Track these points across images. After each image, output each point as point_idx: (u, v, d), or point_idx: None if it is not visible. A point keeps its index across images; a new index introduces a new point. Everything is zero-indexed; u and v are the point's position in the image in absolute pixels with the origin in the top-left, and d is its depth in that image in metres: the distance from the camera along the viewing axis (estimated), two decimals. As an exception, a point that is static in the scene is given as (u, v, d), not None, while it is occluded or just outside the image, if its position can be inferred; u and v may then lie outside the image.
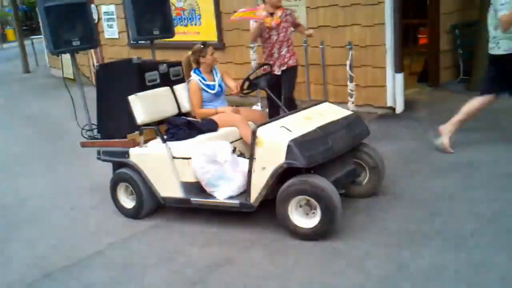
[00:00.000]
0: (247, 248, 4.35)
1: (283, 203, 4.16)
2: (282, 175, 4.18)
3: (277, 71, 6.30)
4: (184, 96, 5.40)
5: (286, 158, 4.05)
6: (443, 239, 4.04)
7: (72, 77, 14.83)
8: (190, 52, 5.39)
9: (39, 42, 18.17)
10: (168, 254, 4.45)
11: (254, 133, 4.20)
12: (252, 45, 8.72)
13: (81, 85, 5.38)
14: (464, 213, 4.40)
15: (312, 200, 4.06)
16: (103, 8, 12.00)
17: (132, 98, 4.94)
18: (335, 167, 4.40)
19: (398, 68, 7.69)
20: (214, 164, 4.56)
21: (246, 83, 5.20)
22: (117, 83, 5.24)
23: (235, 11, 6.58)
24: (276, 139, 4.14)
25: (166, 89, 5.31)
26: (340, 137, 4.38)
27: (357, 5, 7.84)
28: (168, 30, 5.80)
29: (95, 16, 12.37)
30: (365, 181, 4.80)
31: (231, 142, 4.84)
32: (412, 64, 9.24)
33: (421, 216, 4.44)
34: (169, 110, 5.27)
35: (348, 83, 7.51)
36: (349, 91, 7.47)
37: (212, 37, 9.55)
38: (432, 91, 8.58)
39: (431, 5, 8.53)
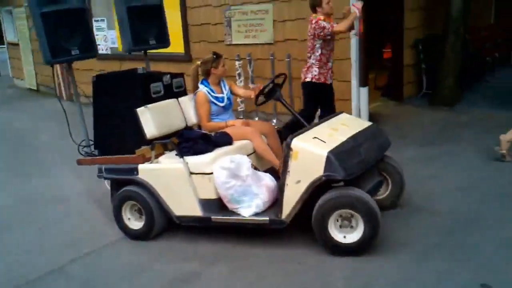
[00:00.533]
0: (211, 263, 4.29)
1: (323, 218, 4.01)
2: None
3: (328, 81, 6.26)
4: (190, 108, 5.16)
5: (325, 170, 3.92)
6: (406, 252, 4.06)
7: (35, 88, 14.46)
8: (199, 62, 5.15)
9: (1, 52, 18.35)
10: (132, 269, 4.34)
11: (288, 146, 4.05)
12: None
13: (79, 97, 5.01)
14: (427, 226, 4.44)
15: (355, 214, 3.96)
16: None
17: (141, 110, 4.65)
18: (366, 179, 4.32)
19: (363, 82, 7.78)
20: (237, 179, 4.36)
21: (264, 92, 5.04)
22: (119, 95, 4.88)
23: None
24: (313, 151, 4.00)
25: (173, 101, 5.04)
26: (370, 147, 4.33)
27: None
28: (163, 40, 5.52)
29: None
30: (387, 193, 4.77)
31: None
32: (377, 78, 9.41)
33: (385, 229, 4.41)
34: (178, 123, 5.01)
35: (314, 96, 7.53)
36: (315, 104, 7.49)
37: (179, 49, 9.30)
38: (396, 105, 8.78)
39: (395, 20, 8.76)
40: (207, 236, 4.71)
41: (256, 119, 8.28)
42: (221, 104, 5.08)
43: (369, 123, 4.75)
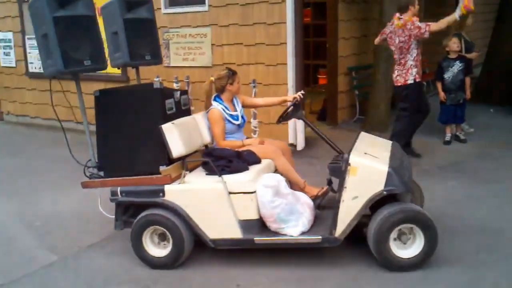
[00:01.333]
0: (147, 287, 4.19)
1: (384, 234, 3.96)
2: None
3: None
4: (203, 126, 4.85)
5: (386, 185, 3.92)
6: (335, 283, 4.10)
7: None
8: (213, 78, 4.87)
9: None
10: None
11: (346, 161, 3.98)
12: (156, 79, 8.25)
13: (85, 115, 4.45)
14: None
15: (415, 228, 3.98)
16: (-1, 35, 10.94)
17: (167, 127, 4.26)
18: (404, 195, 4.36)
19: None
20: (282, 198, 4.18)
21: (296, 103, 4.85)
22: (133, 111, 4.42)
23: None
24: (374, 166, 3.97)
25: (191, 118, 4.70)
26: (408, 164, 4.40)
27: (260, 45, 8.04)
28: (156, 56, 5.14)
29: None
30: None
31: None
32: (312, 103, 9.60)
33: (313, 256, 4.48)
34: (199, 141, 4.68)
35: (252, 119, 7.57)
36: (252, 127, 7.54)
37: (116, 69, 8.70)
38: (331, 130, 9.01)
39: (330, 48, 9.07)
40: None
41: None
42: (236, 122, 4.86)
43: (390, 142, 4.81)
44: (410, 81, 6.42)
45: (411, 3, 6.27)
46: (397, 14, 6.38)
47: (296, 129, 8.03)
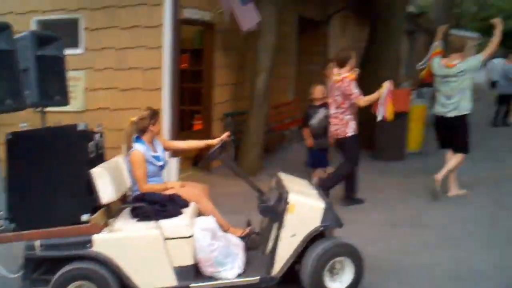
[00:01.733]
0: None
1: (320, 269, 4.11)
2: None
3: None
4: (125, 169, 4.64)
5: (322, 221, 4.12)
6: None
7: None
8: (134, 119, 4.71)
9: None
10: None
11: (285, 200, 4.09)
12: (22, 125, 7.66)
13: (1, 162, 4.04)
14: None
15: (346, 260, 4.19)
16: None
17: (98, 172, 4.03)
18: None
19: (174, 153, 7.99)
20: (219, 240, 4.15)
21: (217, 150, 4.78)
22: (48, 156, 4.07)
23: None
24: (311, 203, 4.16)
25: (114, 161, 4.48)
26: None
27: (136, 89, 7.99)
28: (65, 97, 4.84)
29: None
30: None
31: None
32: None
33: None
34: (124, 185, 4.45)
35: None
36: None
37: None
38: (204, 175, 9.03)
39: (205, 94, 9.18)
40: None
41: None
42: (159, 163, 4.76)
43: (306, 180, 5.02)
44: (349, 134, 6.75)
45: (348, 58, 6.60)
46: (336, 70, 6.70)
47: (169, 173, 7.95)
